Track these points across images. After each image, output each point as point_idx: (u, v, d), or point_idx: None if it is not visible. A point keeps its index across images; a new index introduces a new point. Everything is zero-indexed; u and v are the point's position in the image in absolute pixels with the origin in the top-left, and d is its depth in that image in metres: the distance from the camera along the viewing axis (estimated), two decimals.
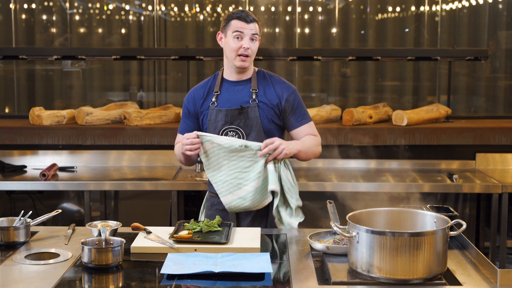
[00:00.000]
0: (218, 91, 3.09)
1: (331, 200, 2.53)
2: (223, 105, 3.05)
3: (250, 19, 2.99)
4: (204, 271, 2.23)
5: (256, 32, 3.01)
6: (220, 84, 3.11)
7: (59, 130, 4.85)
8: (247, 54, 2.99)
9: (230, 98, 3.06)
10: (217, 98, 3.07)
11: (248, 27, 2.99)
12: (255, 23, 3.01)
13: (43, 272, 2.29)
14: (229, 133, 3.03)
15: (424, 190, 4.43)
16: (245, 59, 3.00)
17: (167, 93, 5.98)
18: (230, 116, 3.02)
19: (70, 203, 5.25)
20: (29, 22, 5.93)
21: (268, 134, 3.02)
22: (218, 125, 3.04)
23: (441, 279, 2.18)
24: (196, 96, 3.14)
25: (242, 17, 2.99)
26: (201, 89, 3.15)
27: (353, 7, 5.94)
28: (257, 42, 3.04)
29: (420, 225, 2.41)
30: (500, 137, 4.88)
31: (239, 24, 2.99)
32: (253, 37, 3.00)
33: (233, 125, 3.02)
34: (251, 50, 3.00)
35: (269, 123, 3.02)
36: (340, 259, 2.38)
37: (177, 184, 4.37)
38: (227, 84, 3.10)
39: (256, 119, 3.00)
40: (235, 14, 3.02)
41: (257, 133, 3.01)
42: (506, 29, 5.90)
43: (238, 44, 2.99)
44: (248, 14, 3.02)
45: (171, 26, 5.99)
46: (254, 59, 3.08)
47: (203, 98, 3.12)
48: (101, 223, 2.72)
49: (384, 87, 5.98)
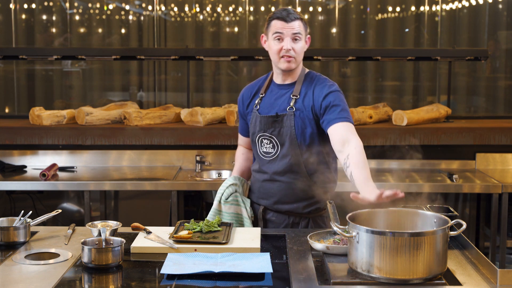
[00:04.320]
0: (263, 93, 2.96)
1: (331, 200, 2.53)
2: (263, 110, 2.92)
3: (291, 18, 2.81)
4: (204, 271, 2.23)
5: (298, 32, 2.82)
6: (267, 86, 2.97)
7: (59, 130, 4.85)
8: (289, 55, 2.83)
9: (271, 103, 2.92)
10: (261, 101, 2.95)
11: (288, 26, 2.81)
12: (298, 21, 2.82)
13: (43, 272, 2.28)
14: (264, 140, 2.91)
15: (424, 190, 4.43)
16: (289, 59, 2.83)
17: (167, 93, 5.98)
18: (264, 123, 2.89)
19: (70, 203, 5.25)
20: (29, 22, 5.93)
21: (303, 145, 2.86)
22: (256, 130, 2.93)
23: (441, 279, 2.18)
24: (245, 96, 3.04)
25: (282, 16, 2.82)
26: (250, 89, 3.04)
27: (353, 7, 5.94)
28: (302, 42, 2.85)
29: (420, 225, 2.41)
30: (500, 137, 4.88)
31: (279, 25, 2.82)
32: (296, 36, 2.81)
33: (267, 133, 2.90)
34: (294, 51, 2.82)
35: (305, 133, 2.85)
36: (340, 259, 2.38)
37: (177, 184, 4.36)
38: (273, 86, 2.96)
39: (290, 129, 2.84)
40: (275, 14, 2.85)
41: (290, 144, 2.86)
42: (506, 29, 5.90)
43: (279, 45, 2.83)
44: (290, 12, 2.83)
45: (171, 26, 5.99)
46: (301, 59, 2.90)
47: (250, 98, 3.01)
48: (101, 223, 2.72)
49: (384, 87, 5.98)
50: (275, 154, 2.91)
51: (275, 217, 2.98)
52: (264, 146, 2.93)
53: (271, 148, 2.91)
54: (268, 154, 2.93)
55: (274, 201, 2.97)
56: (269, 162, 2.93)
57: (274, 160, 2.91)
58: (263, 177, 2.97)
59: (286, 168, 2.89)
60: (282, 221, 2.97)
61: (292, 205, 2.95)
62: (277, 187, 2.93)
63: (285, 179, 2.91)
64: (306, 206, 2.94)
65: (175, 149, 4.93)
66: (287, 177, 2.91)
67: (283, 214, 2.97)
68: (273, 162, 2.92)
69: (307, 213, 2.96)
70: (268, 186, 2.96)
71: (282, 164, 2.90)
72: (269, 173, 2.94)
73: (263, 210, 3.01)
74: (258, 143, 2.95)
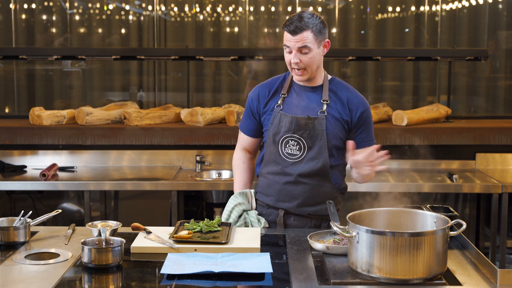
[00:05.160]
0: (285, 93, 2.87)
1: (331, 200, 2.53)
2: (289, 110, 2.83)
3: (296, 31, 2.70)
4: (204, 271, 2.23)
5: (304, 45, 2.71)
6: (289, 87, 2.88)
7: (59, 130, 4.85)
8: (298, 68, 2.76)
9: (298, 105, 2.84)
10: (283, 101, 2.86)
11: (294, 39, 2.72)
12: (306, 31, 2.70)
13: (43, 272, 2.28)
14: (290, 141, 2.84)
15: (424, 190, 4.43)
16: (299, 73, 2.77)
17: (167, 93, 5.98)
18: (295, 124, 2.80)
19: (70, 203, 5.25)
20: (29, 22, 5.93)
21: (330, 150, 2.83)
22: (280, 130, 2.83)
23: (441, 279, 2.18)
24: (261, 94, 2.92)
25: (288, 29, 2.72)
26: (268, 87, 2.93)
27: (353, 7, 5.94)
28: (312, 53, 2.73)
29: (420, 225, 2.41)
30: (500, 137, 4.88)
31: (287, 37, 2.74)
32: (302, 50, 2.72)
33: (296, 134, 2.81)
34: (302, 63, 2.74)
35: (334, 139, 2.81)
36: (340, 259, 2.38)
37: (177, 184, 4.36)
38: (297, 88, 2.87)
39: (322, 133, 2.79)
40: (285, 23, 2.74)
41: (319, 148, 2.81)
42: (506, 29, 5.90)
43: (288, 57, 2.76)
44: (293, 23, 2.70)
45: (171, 26, 5.99)
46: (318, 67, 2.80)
47: (269, 97, 2.90)
48: (101, 223, 2.72)
49: (384, 87, 5.98)
50: (301, 156, 2.84)
51: (297, 221, 2.90)
52: (290, 147, 2.85)
53: (297, 150, 2.84)
54: (293, 156, 2.85)
55: (297, 204, 2.89)
56: (294, 164, 2.86)
57: (300, 162, 2.85)
58: (286, 179, 2.88)
59: (313, 171, 2.84)
60: (304, 225, 2.90)
61: (315, 207, 2.89)
62: (301, 189, 2.87)
63: (311, 181, 2.86)
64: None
65: (175, 149, 4.93)
66: (313, 180, 2.85)
67: (305, 218, 2.90)
68: (298, 164, 2.85)
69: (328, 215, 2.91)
70: (292, 188, 2.88)
71: (309, 166, 2.84)
72: (293, 175, 2.86)
73: (284, 214, 2.91)
74: (282, 144, 2.86)
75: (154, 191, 4.49)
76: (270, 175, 2.92)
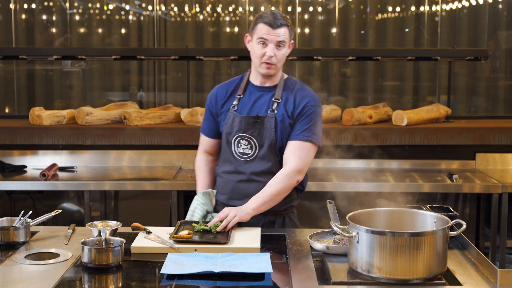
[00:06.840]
0: (241, 94, 2.94)
1: (331, 200, 2.53)
2: (242, 110, 2.90)
3: (277, 24, 2.79)
4: (204, 271, 2.23)
5: (283, 39, 2.80)
6: (244, 87, 2.95)
7: (59, 130, 4.85)
8: (271, 62, 2.82)
9: (250, 105, 2.91)
10: (238, 102, 2.93)
11: (274, 33, 2.79)
12: (284, 27, 2.81)
13: (43, 272, 2.29)
14: (241, 141, 2.90)
15: (424, 190, 4.43)
16: (269, 66, 2.83)
17: (167, 93, 5.98)
18: (244, 124, 2.87)
19: (70, 203, 5.25)
20: (29, 22, 5.93)
21: (281, 148, 2.88)
22: (233, 130, 2.90)
23: (441, 279, 2.18)
24: (219, 95, 3.00)
25: (269, 22, 2.79)
26: (225, 88, 3.00)
27: (353, 7, 5.94)
28: (285, 48, 2.84)
29: (420, 225, 2.41)
30: (500, 137, 4.88)
31: (265, 30, 2.80)
32: (280, 44, 2.81)
33: (246, 133, 2.88)
34: (276, 58, 2.82)
35: (283, 137, 2.86)
36: (340, 259, 2.38)
37: (177, 184, 4.36)
38: (252, 88, 2.95)
39: (271, 131, 2.85)
40: (263, 17, 2.82)
41: (269, 146, 2.87)
42: (506, 29, 5.90)
43: (262, 51, 2.82)
44: (277, 17, 2.80)
45: (171, 26, 5.99)
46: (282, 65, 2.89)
47: (225, 98, 2.97)
48: (101, 223, 2.72)
49: (384, 87, 5.98)
50: (253, 155, 2.91)
51: (251, 218, 2.88)
52: (241, 147, 2.92)
53: (249, 149, 2.91)
54: (245, 155, 2.92)
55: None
56: (247, 163, 2.92)
57: (252, 161, 2.91)
58: (239, 177, 2.94)
59: (265, 169, 2.91)
60: (258, 221, 2.92)
61: None
62: (254, 187, 2.91)
63: (264, 179, 2.90)
64: (283, 204, 2.94)
65: (175, 149, 4.93)
66: (265, 177, 2.90)
67: (259, 214, 2.90)
68: (251, 163, 2.92)
69: (283, 210, 2.97)
70: (245, 186, 2.94)
71: (261, 165, 2.90)
72: (246, 174, 2.93)
73: None
74: (234, 143, 2.92)
75: (154, 191, 4.49)
76: (224, 174, 2.99)
